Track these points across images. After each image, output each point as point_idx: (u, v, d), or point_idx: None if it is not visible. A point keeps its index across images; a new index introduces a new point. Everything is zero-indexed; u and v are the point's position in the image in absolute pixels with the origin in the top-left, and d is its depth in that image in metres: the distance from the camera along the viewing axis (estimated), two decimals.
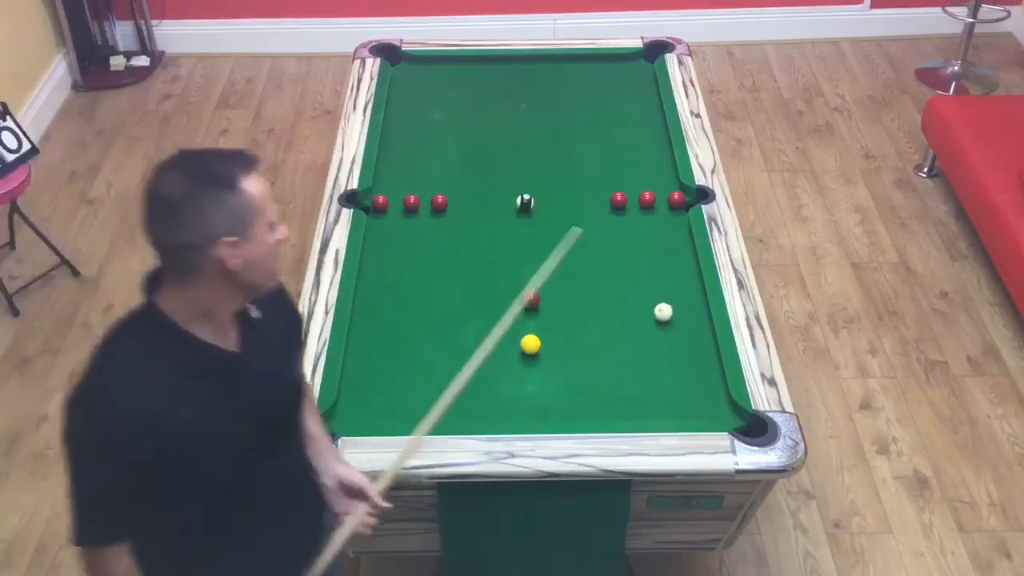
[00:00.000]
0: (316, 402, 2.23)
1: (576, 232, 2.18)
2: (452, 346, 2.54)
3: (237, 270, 1.64)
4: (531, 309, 2.62)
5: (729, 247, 2.77)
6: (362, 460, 2.18)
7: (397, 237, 2.90)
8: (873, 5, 5.29)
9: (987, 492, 3.10)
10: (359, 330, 2.57)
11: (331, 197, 2.97)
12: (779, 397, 2.34)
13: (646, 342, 2.55)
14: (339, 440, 2.22)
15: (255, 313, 1.79)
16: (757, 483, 2.23)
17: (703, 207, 2.92)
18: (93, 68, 5.11)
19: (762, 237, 4.05)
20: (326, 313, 2.57)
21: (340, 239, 2.82)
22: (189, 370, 1.68)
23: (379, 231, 2.91)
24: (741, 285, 2.65)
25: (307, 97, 5.01)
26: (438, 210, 2.97)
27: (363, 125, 3.28)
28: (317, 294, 2.63)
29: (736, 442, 2.21)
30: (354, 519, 1.96)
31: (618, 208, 2.97)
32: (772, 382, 2.38)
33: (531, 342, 2.48)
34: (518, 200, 2.95)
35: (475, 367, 2.01)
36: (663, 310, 2.58)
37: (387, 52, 3.66)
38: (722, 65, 5.17)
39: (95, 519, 1.70)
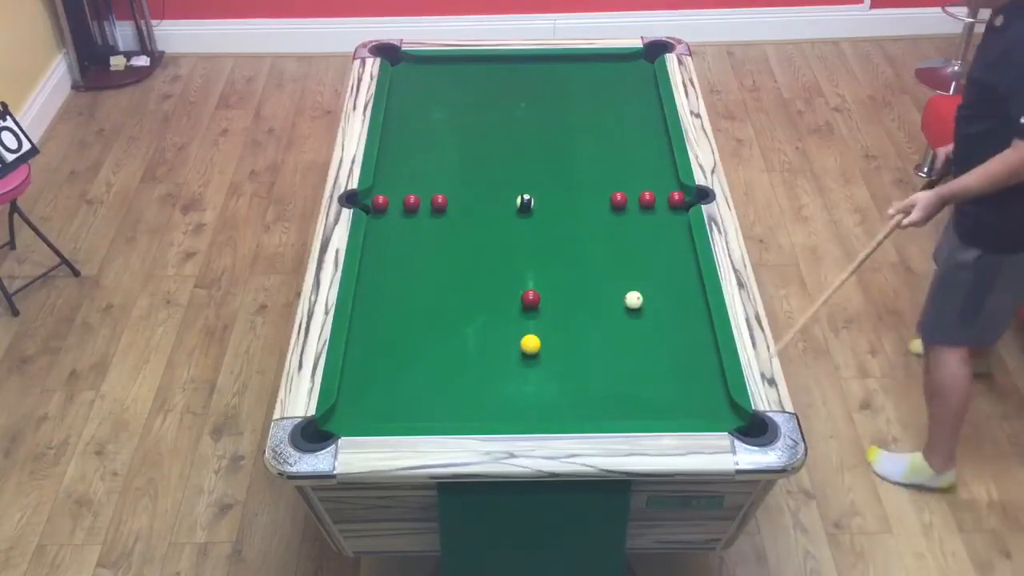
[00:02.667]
0: None
1: None
2: (452, 346, 2.54)
3: None
4: (531, 309, 2.62)
5: (729, 247, 2.77)
6: (362, 460, 2.19)
7: (397, 237, 2.90)
8: (873, 5, 5.29)
9: (987, 492, 3.10)
10: (359, 330, 2.57)
11: (331, 197, 2.97)
12: (779, 397, 2.34)
13: (646, 342, 2.55)
14: (339, 440, 2.22)
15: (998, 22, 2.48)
16: (757, 483, 2.23)
17: (703, 207, 2.91)
18: (93, 68, 5.11)
19: (762, 237, 4.05)
20: (326, 313, 2.57)
21: (340, 239, 2.82)
22: None
23: (379, 231, 2.91)
24: (741, 285, 2.65)
25: (307, 97, 5.01)
26: (438, 210, 2.97)
27: (363, 125, 3.28)
28: (317, 294, 2.63)
29: (736, 442, 2.21)
30: None
31: (618, 208, 2.96)
32: (772, 382, 2.38)
33: (531, 342, 2.48)
34: (518, 200, 2.95)
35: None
36: (632, 297, 2.60)
37: (387, 52, 3.66)
38: (722, 65, 5.17)
39: None
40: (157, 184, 4.42)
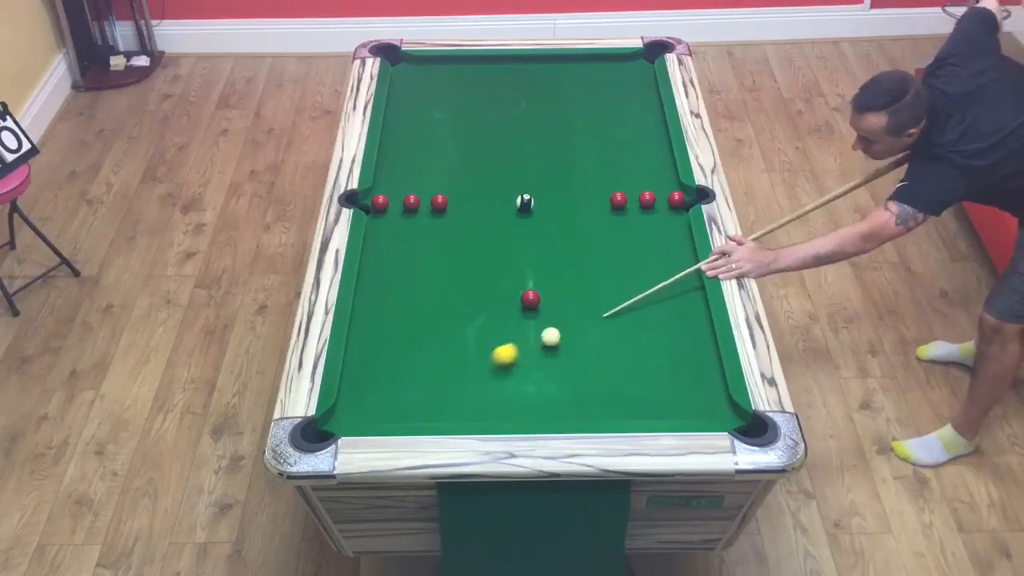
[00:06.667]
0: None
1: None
2: (452, 346, 2.54)
3: None
4: (531, 309, 2.62)
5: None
6: (362, 460, 2.19)
7: (397, 237, 2.90)
8: (873, 5, 5.29)
9: (987, 492, 3.10)
10: (359, 330, 2.57)
11: (331, 197, 2.97)
12: (779, 397, 2.34)
13: (646, 342, 2.55)
14: (339, 440, 2.22)
15: None
16: (757, 483, 2.23)
17: (703, 207, 2.92)
18: (93, 68, 5.11)
19: (762, 237, 4.04)
20: (326, 313, 2.57)
21: (340, 239, 2.82)
22: None
23: (379, 231, 2.91)
24: (741, 285, 2.66)
25: (307, 97, 5.01)
26: (438, 210, 2.97)
27: (363, 125, 3.28)
28: (317, 294, 2.63)
29: (736, 442, 2.21)
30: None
31: (618, 208, 2.97)
32: (772, 382, 2.38)
33: (504, 353, 2.43)
34: (518, 200, 2.95)
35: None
36: (550, 335, 2.51)
37: (387, 52, 3.66)
38: (722, 65, 5.17)
39: None
40: (157, 184, 4.42)
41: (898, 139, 2.68)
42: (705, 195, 2.96)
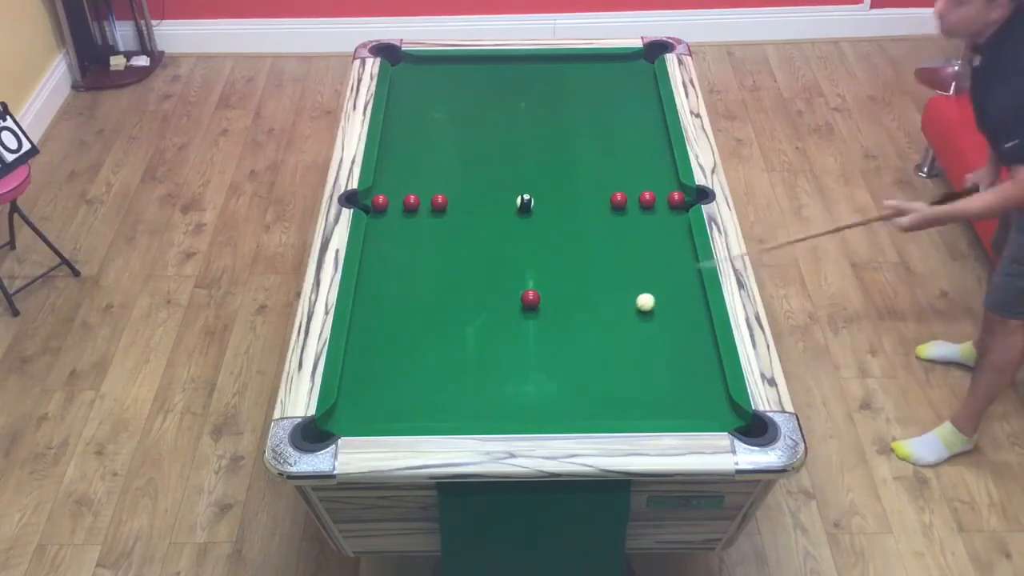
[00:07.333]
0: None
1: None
2: (452, 346, 2.54)
3: None
4: (531, 309, 2.62)
5: (729, 247, 2.77)
6: (362, 460, 2.19)
7: (397, 237, 2.90)
8: (873, 5, 5.29)
9: (987, 492, 3.10)
10: (359, 330, 2.57)
11: (331, 197, 2.97)
12: (779, 397, 2.34)
13: (646, 342, 2.55)
14: (339, 440, 2.22)
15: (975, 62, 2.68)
16: (757, 483, 2.23)
17: (703, 207, 2.91)
18: (93, 68, 5.11)
19: (762, 237, 4.05)
20: (326, 313, 2.57)
21: (340, 239, 2.82)
22: None
23: (379, 231, 2.91)
24: (741, 285, 2.66)
25: (307, 97, 5.01)
26: (438, 210, 2.97)
27: (363, 125, 3.28)
28: (317, 294, 2.63)
29: (736, 442, 2.21)
30: None
31: (618, 208, 2.97)
32: (772, 382, 2.38)
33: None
34: (518, 200, 2.95)
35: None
36: (644, 301, 2.60)
37: (387, 52, 3.66)
38: (722, 65, 5.17)
39: None
40: (157, 184, 4.42)
41: (988, 5, 2.58)
42: (705, 195, 2.96)
